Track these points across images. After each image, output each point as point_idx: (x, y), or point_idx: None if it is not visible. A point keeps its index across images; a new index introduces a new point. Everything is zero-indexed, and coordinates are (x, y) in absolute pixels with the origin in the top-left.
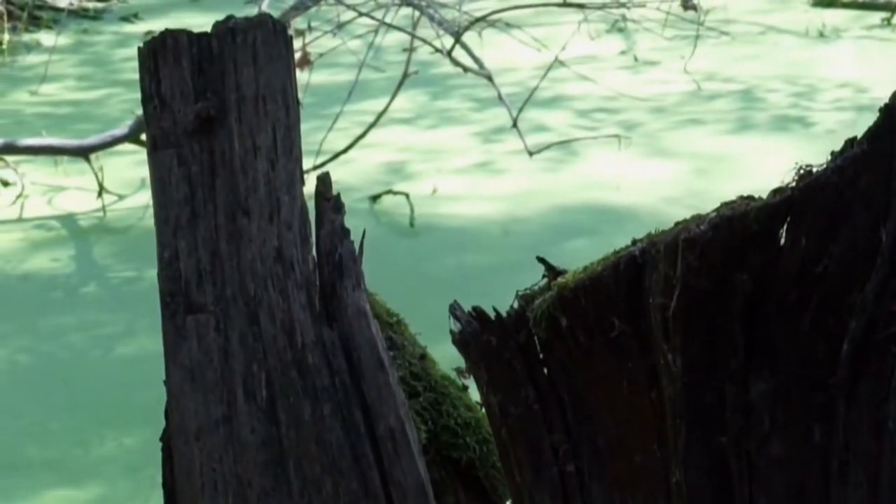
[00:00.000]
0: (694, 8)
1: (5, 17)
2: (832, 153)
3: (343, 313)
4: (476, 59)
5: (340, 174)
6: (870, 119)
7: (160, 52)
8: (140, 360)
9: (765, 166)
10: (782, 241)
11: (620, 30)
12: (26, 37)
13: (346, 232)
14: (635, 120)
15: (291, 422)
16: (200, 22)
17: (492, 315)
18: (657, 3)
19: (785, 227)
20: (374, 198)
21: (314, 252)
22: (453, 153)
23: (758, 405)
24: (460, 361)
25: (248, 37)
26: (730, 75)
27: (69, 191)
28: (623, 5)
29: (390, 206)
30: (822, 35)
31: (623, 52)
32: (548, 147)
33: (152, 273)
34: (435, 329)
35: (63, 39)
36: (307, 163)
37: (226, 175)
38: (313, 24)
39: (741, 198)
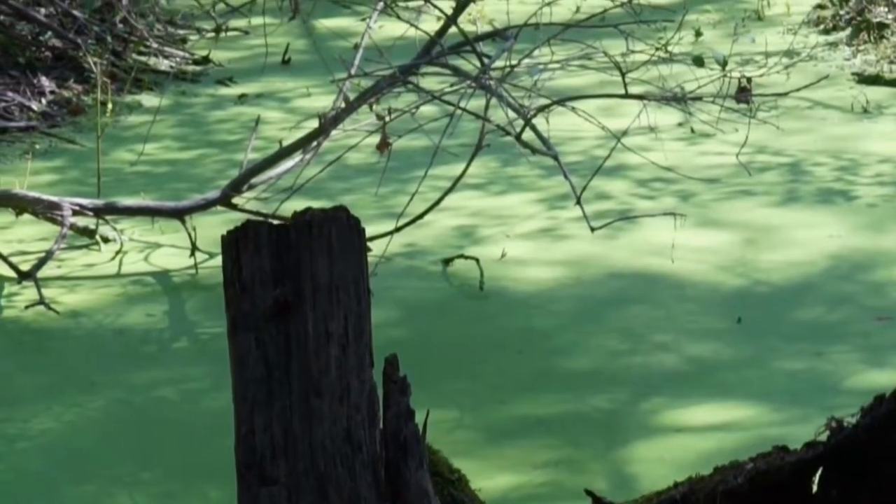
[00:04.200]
0: (747, 101)
1: (109, 82)
2: (861, 408)
3: (406, 492)
4: (544, 141)
5: (416, 237)
6: None
7: (241, 241)
8: (225, 413)
9: (809, 237)
10: (814, 488)
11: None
12: (128, 98)
13: (412, 414)
14: (690, 190)
15: None
16: (290, 86)
17: None
18: (712, 88)
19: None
20: (447, 261)
21: (381, 426)
22: (521, 219)
23: None
24: (534, 423)
25: (323, 229)
26: (779, 148)
27: (164, 248)
28: (681, 99)
29: (461, 269)
30: (865, 111)
31: (680, 125)
32: (608, 223)
33: None
34: (502, 386)
35: (163, 101)
36: (387, 226)
37: (300, 358)
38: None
39: (776, 448)
